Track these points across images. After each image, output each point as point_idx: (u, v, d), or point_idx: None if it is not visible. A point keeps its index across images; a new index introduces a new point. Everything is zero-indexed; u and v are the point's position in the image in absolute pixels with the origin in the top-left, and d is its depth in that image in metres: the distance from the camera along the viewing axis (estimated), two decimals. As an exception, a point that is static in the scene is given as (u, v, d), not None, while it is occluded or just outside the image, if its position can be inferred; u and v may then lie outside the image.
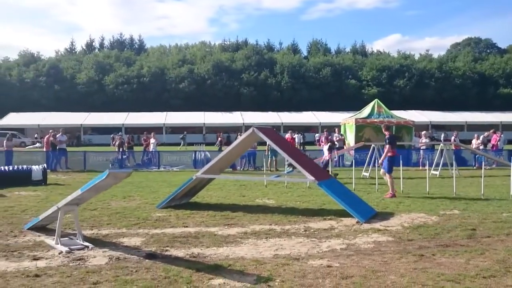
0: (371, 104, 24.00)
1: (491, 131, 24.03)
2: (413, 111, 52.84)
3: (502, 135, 23.74)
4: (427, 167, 13.88)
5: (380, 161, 11.95)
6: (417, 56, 73.95)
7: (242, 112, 55.21)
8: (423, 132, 23.54)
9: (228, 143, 26.66)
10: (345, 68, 65.99)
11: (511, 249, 6.40)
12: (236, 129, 46.91)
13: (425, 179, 12.68)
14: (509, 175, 11.78)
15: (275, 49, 76.85)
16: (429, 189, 12.08)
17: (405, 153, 20.71)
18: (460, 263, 5.76)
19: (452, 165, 15.88)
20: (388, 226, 7.93)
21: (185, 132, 45.00)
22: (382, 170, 11.99)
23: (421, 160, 20.41)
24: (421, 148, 21.08)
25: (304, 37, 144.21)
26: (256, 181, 14.71)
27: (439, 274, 5.22)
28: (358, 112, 25.00)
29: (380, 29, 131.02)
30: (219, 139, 28.94)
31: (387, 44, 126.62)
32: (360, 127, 22.24)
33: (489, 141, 23.64)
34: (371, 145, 16.95)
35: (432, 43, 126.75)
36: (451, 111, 55.82)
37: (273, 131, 10.97)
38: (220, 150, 24.49)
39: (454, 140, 21.27)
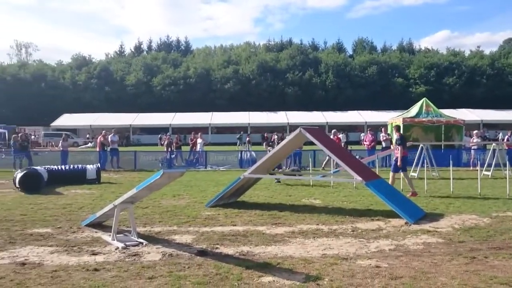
0: (419, 103, 23.52)
1: None
2: (464, 109, 51.26)
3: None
4: (478, 168, 13.49)
5: (399, 164, 11.98)
6: (467, 53, 71.59)
7: (287, 112, 55.25)
8: (475, 132, 22.81)
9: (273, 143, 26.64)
10: (391, 66, 64.72)
11: None
12: (281, 129, 47.02)
13: (476, 179, 12.33)
14: None
15: (320, 48, 76.35)
16: (480, 190, 11.75)
17: (455, 153, 20.20)
18: (514, 266, 5.64)
19: (505, 166, 15.35)
20: (438, 227, 7.82)
21: (242, 132, 45.30)
22: (391, 173, 12.36)
23: (472, 160, 19.80)
24: (472, 148, 20.45)
25: (349, 35, 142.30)
26: (302, 180, 14.74)
27: (491, 277, 5.14)
28: (406, 111, 24.56)
29: (428, 26, 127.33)
30: (248, 139, 29.03)
31: (436, 41, 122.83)
32: (407, 126, 21.83)
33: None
34: (419, 145, 16.62)
35: (483, 39, 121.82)
36: (504, 109, 53.66)
37: (320, 131, 11.00)
38: (248, 150, 24.78)
39: (508, 140, 20.51)
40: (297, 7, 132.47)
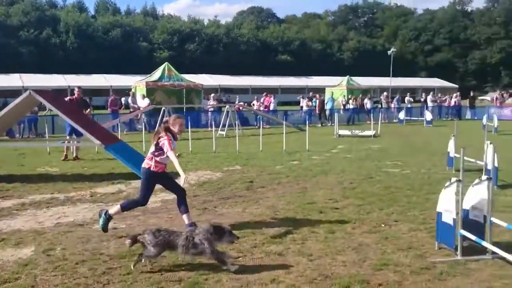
0: (162, 67, 24.02)
1: (264, 94, 26.04)
2: (204, 75, 54.67)
3: (274, 98, 25.98)
4: (213, 128, 14.65)
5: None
6: (206, 22, 76.28)
7: (22, 74, 49.48)
8: (212, 95, 24.69)
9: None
10: (136, 30, 64.26)
11: (280, 196, 7.32)
12: (15, 93, 42.06)
13: (212, 139, 13.40)
14: (283, 133, 13.33)
15: (58, 6, 70.31)
16: (215, 148, 12.84)
17: (195, 115, 21.52)
18: (238, 212, 6.38)
19: (236, 125, 17.14)
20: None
21: None
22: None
23: (209, 121, 21.42)
24: (209, 110, 22.10)
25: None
26: (38, 148, 13.54)
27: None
28: (149, 75, 24.83)
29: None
30: None
31: (179, 8, 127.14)
32: (151, 90, 22.12)
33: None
34: (161, 108, 17.09)
35: (221, 10, 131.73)
36: (238, 75, 59.49)
37: (55, 95, 10.21)
38: None
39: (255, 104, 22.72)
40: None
